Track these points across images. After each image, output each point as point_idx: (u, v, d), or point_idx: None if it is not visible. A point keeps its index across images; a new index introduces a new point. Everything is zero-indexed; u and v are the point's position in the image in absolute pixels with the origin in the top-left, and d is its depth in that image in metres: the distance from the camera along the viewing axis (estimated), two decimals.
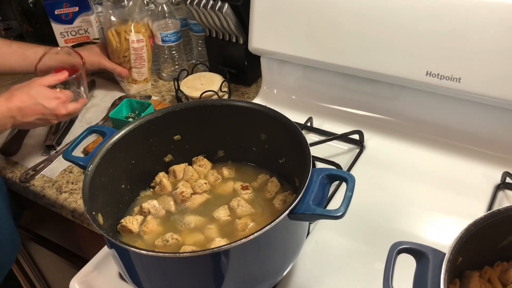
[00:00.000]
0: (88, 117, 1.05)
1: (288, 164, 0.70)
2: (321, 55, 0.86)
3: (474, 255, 0.52)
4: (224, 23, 0.97)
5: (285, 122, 0.64)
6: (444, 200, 0.74)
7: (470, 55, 0.73)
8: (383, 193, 0.76)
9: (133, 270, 0.56)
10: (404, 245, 0.48)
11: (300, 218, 0.54)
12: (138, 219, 0.67)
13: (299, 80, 0.96)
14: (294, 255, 0.61)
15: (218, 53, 1.08)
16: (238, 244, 0.49)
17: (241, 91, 1.08)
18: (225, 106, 0.71)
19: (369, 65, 0.82)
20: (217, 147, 0.76)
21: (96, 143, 0.92)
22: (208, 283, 0.55)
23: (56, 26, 1.13)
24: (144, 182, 0.73)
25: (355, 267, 0.66)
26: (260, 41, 0.91)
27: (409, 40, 0.76)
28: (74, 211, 0.83)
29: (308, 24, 0.85)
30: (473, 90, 0.74)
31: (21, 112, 0.78)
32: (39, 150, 0.96)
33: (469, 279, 0.53)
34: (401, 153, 0.83)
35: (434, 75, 0.76)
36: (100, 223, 0.57)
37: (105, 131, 0.66)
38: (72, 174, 0.90)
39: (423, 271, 0.47)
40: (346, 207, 0.52)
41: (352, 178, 0.55)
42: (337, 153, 0.85)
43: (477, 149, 0.80)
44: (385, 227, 0.71)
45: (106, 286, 0.67)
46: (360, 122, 0.89)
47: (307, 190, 0.54)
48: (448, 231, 0.70)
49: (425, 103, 0.83)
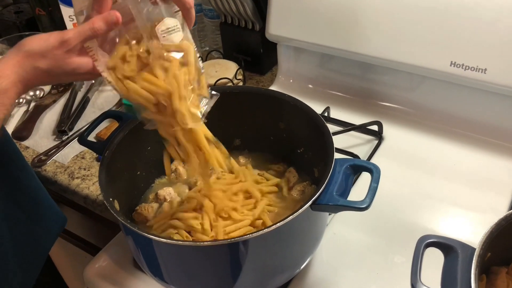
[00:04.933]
0: (100, 102, 1.03)
1: (307, 154, 0.68)
2: (341, 43, 0.83)
3: (502, 251, 0.51)
4: (240, 9, 0.95)
5: (307, 111, 0.63)
6: (465, 195, 0.73)
7: (496, 45, 0.70)
8: (402, 186, 0.75)
9: (149, 258, 0.55)
10: (432, 238, 0.47)
11: (323, 209, 0.52)
12: (154, 206, 0.66)
13: (316, 68, 0.94)
14: (313, 247, 0.59)
15: (233, 40, 1.06)
16: (259, 234, 0.48)
17: (255, 79, 1.06)
18: (243, 93, 0.70)
19: (390, 54, 0.79)
20: (233, 135, 0.74)
21: (108, 129, 0.91)
22: (226, 273, 0.54)
23: (65, 9, 1.10)
24: (159, 169, 0.71)
25: (374, 260, 0.64)
26: (277, 28, 0.89)
27: (433, 29, 0.74)
28: (87, 198, 0.82)
29: (328, 10, 0.82)
30: (499, 81, 0.71)
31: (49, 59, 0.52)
32: (51, 135, 0.94)
33: (496, 275, 0.52)
34: (421, 146, 0.81)
35: (459, 65, 0.73)
36: (116, 209, 0.56)
37: (121, 116, 0.65)
38: (84, 160, 0.88)
39: (452, 266, 0.45)
40: (372, 198, 0.50)
41: (378, 169, 0.53)
42: (355, 144, 0.83)
43: (500, 142, 0.78)
44: (404, 220, 0.69)
45: (121, 274, 0.66)
46: (378, 113, 0.87)
47: (331, 180, 0.53)
48: (469, 226, 0.68)
49: (448, 94, 0.81)
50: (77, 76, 0.53)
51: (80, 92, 1.06)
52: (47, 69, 0.50)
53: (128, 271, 0.66)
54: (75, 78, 0.54)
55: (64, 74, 0.52)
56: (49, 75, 0.51)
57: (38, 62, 0.50)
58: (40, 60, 0.50)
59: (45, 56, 0.50)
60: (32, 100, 1.05)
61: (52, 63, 0.50)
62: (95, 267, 0.67)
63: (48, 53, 0.49)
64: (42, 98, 1.06)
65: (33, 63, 0.50)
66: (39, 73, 0.50)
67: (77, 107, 1.00)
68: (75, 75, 0.53)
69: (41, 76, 0.51)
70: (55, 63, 0.50)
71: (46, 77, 0.52)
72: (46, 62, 0.50)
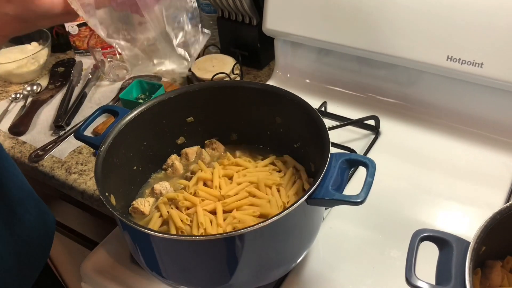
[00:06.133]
0: (97, 97, 1.03)
1: (304, 148, 0.68)
2: (338, 37, 0.83)
3: (497, 245, 0.51)
4: (237, 3, 0.95)
5: (303, 105, 0.62)
6: (461, 189, 0.73)
7: (493, 39, 0.70)
8: (399, 181, 0.75)
9: (146, 252, 0.55)
10: (427, 232, 0.47)
11: (319, 203, 0.52)
12: (150, 201, 0.66)
13: (313, 63, 0.94)
14: (309, 241, 0.59)
15: (230, 34, 1.06)
16: (255, 228, 0.48)
17: (252, 74, 1.06)
18: (240, 87, 0.69)
19: (386, 48, 0.79)
20: (230, 130, 0.74)
21: (105, 124, 0.91)
22: (222, 267, 0.54)
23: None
24: (155, 164, 0.72)
25: (370, 254, 0.65)
26: (274, 22, 0.89)
27: (429, 23, 0.74)
28: (84, 192, 0.82)
29: (325, 4, 0.82)
30: (495, 76, 0.71)
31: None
32: (48, 130, 0.94)
33: (491, 269, 0.52)
34: (418, 140, 0.81)
35: (455, 59, 0.73)
36: (113, 204, 0.56)
37: (118, 110, 0.64)
38: (82, 155, 0.88)
39: (447, 260, 0.45)
40: (367, 193, 0.50)
41: (373, 163, 0.53)
42: (352, 138, 0.83)
43: (496, 137, 0.78)
44: (401, 215, 0.69)
45: (118, 269, 0.66)
46: (375, 108, 0.87)
47: (326, 174, 0.53)
48: (465, 220, 0.68)
49: (444, 88, 0.81)
50: (54, 18, 0.49)
51: (77, 87, 1.06)
52: (16, 14, 0.47)
53: (125, 266, 0.66)
54: (53, 21, 0.50)
55: (38, 18, 0.48)
56: (21, 21, 0.48)
57: (4, 8, 0.46)
58: (6, 5, 0.46)
59: (10, 1, 0.46)
60: (29, 95, 1.04)
61: (19, 7, 0.46)
62: (92, 262, 0.67)
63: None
64: (39, 93, 1.05)
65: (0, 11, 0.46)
66: (9, 20, 0.47)
67: (74, 102, 1.00)
68: (50, 17, 0.48)
69: (12, 23, 0.47)
70: (23, 6, 0.46)
71: (18, 23, 0.48)
72: (12, 7, 0.46)
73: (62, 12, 0.48)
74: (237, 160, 0.69)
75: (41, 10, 0.47)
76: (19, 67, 1.06)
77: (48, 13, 0.47)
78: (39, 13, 0.47)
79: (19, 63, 1.05)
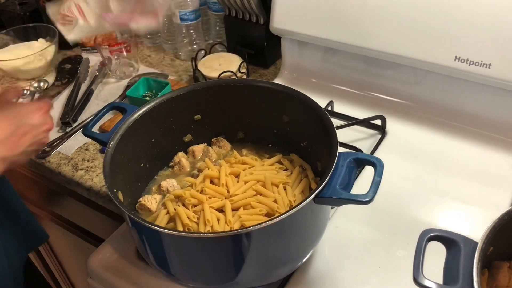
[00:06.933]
0: (104, 95, 1.04)
1: (311, 147, 0.68)
2: (345, 37, 0.83)
3: (504, 246, 0.51)
4: (245, 2, 0.95)
5: (311, 104, 0.62)
6: (468, 189, 0.73)
7: (501, 40, 0.70)
8: (405, 180, 0.75)
9: (153, 249, 0.55)
10: (434, 232, 0.47)
11: (326, 202, 0.52)
12: (157, 198, 0.66)
13: (320, 62, 0.94)
14: (316, 240, 0.60)
15: (237, 33, 1.06)
16: (262, 226, 0.48)
17: (259, 72, 1.06)
18: (248, 86, 0.70)
19: (394, 48, 0.79)
20: (237, 128, 0.74)
21: (112, 121, 0.91)
22: (229, 264, 0.54)
23: None
24: (162, 161, 0.72)
25: (376, 254, 0.65)
26: (282, 21, 0.89)
27: (437, 23, 0.74)
28: (90, 189, 0.82)
29: (332, 4, 0.82)
30: (504, 77, 0.71)
31: (6, 145, 0.57)
32: (54, 127, 0.95)
33: (498, 270, 0.52)
34: (424, 140, 0.81)
35: (463, 60, 0.73)
36: (121, 201, 0.56)
37: (126, 108, 0.65)
38: (88, 151, 0.89)
39: (454, 260, 0.45)
40: (375, 192, 0.50)
41: (381, 163, 0.53)
42: (358, 138, 0.83)
43: (503, 138, 0.78)
44: (407, 215, 0.69)
45: (124, 265, 0.66)
46: (382, 107, 0.87)
47: (334, 173, 0.53)
48: (471, 221, 0.68)
49: (452, 89, 0.80)
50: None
51: (84, 84, 1.06)
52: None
53: (132, 262, 0.66)
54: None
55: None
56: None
57: None
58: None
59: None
60: (36, 92, 1.05)
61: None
62: (98, 258, 0.68)
63: None
64: (46, 90, 1.06)
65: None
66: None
67: (81, 99, 1.00)
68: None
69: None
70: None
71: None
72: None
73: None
74: (243, 158, 0.69)
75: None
76: (26, 63, 1.06)
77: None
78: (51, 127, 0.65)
79: (26, 59, 1.06)
